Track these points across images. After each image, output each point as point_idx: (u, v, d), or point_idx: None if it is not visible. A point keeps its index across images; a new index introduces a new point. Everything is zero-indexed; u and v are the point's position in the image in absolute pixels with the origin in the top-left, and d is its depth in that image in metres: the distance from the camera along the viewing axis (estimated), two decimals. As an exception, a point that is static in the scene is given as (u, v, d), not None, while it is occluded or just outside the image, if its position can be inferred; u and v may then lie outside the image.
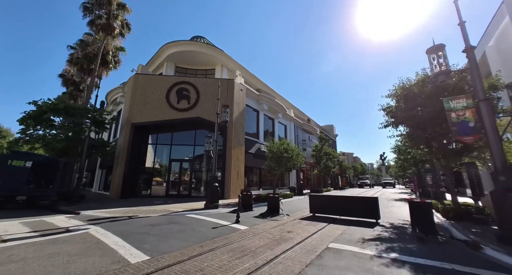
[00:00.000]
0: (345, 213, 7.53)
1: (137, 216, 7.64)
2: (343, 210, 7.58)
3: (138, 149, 15.46)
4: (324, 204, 8.09)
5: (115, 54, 22.15)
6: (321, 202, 8.20)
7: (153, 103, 15.28)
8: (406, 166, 24.38)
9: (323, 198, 8.37)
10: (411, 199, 6.04)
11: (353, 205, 7.42)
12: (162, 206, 10.18)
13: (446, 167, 8.96)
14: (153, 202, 11.77)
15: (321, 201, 8.24)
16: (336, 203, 7.85)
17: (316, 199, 8.36)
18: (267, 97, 20.44)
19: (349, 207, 7.46)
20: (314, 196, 8.50)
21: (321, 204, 8.15)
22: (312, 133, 31.78)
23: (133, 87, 15.61)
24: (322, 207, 8.09)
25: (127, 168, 14.05)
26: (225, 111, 10.44)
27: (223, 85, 16.03)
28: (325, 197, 8.46)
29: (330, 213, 7.89)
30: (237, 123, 15.97)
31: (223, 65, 20.19)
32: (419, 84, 8.68)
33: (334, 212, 7.79)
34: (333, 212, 7.81)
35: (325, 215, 7.97)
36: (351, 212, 7.40)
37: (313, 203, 8.30)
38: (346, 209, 7.50)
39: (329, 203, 7.98)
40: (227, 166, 14.64)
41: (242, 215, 7.95)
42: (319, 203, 8.20)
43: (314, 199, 8.35)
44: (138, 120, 14.94)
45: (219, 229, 5.88)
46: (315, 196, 8.50)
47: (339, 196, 8.04)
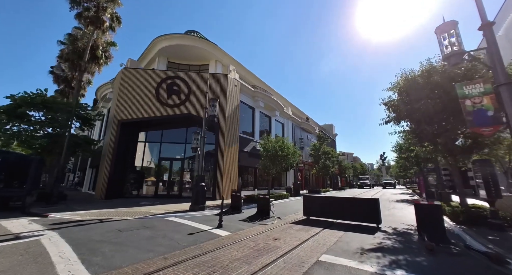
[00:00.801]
0: (343, 217, 6.74)
1: (111, 219, 6.85)
2: (340, 213, 6.79)
3: (126, 147, 14.68)
4: (319, 206, 7.30)
5: (106, 49, 21.35)
6: (316, 204, 7.41)
7: (142, 98, 14.51)
8: (407, 165, 23.60)
9: (318, 200, 7.57)
10: (418, 201, 5.24)
11: (352, 207, 6.62)
12: (145, 207, 9.40)
13: (453, 165, 8.17)
14: (138, 203, 11.00)
15: (316, 202, 7.45)
16: (332, 205, 7.06)
17: (311, 200, 7.57)
18: (263, 94, 19.67)
19: (347, 209, 6.66)
20: (308, 197, 7.71)
21: (315, 206, 7.36)
22: (311, 132, 30.99)
23: (121, 82, 14.85)
24: (317, 209, 7.30)
25: (113, 167, 13.26)
26: (214, 105, 9.66)
27: (215, 80, 15.27)
28: (320, 199, 7.67)
29: (326, 216, 7.10)
30: (230, 120, 15.19)
31: (217, 60, 19.43)
32: (424, 74, 7.91)
33: (331, 215, 7.00)
34: (329, 215, 7.03)
35: (320, 218, 7.17)
36: (349, 215, 6.61)
37: (307, 205, 7.51)
38: (344, 212, 6.71)
39: (324, 205, 7.19)
40: (219, 165, 13.85)
41: (228, 219, 7.17)
42: (314, 205, 7.41)
43: (308, 201, 7.56)
44: (125, 116, 14.16)
45: (195, 235, 5.09)
46: (309, 197, 7.71)
47: (336, 198, 7.24)
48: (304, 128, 29.24)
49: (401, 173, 39.77)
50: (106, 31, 19.65)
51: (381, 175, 78.48)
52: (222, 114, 14.67)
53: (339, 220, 6.84)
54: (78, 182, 27.42)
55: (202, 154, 9.46)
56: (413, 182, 45.99)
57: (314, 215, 7.35)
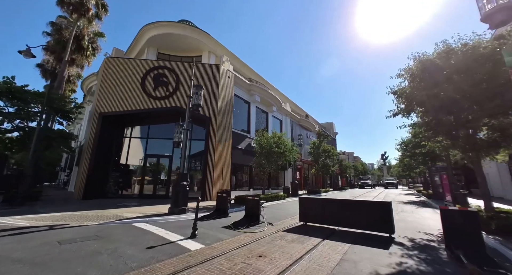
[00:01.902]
0: (346, 223, 5.56)
1: (66, 225, 5.67)
2: (343, 219, 5.61)
3: (109, 143, 13.50)
4: (318, 210, 6.12)
5: (93, 40, 20.17)
6: (315, 207, 6.23)
7: (126, 90, 13.31)
8: (412, 164, 22.41)
9: (317, 202, 6.39)
10: (446, 207, 4.06)
11: (357, 212, 5.44)
12: (120, 210, 8.22)
13: (476, 162, 6.97)
14: (117, 204, 9.84)
15: (314, 206, 6.27)
16: (334, 209, 5.87)
17: (308, 203, 6.39)
18: (259, 88, 18.47)
19: (352, 215, 5.48)
20: (305, 199, 6.52)
21: (314, 210, 6.18)
22: (311, 130, 29.79)
23: (103, 72, 13.66)
24: (315, 214, 6.12)
25: (92, 165, 12.08)
26: (198, 93, 8.47)
27: (207, 70, 14.10)
28: (319, 201, 6.48)
29: (326, 223, 5.93)
30: (223, 114, 14.00)
31: (210, 51, 18.23)
32: (441, 55, 6.72)
33: (332, 221, 5.82)
34: (330, 222, 5.85)
35: (319, 224, 6.00)
36: (354, 222, 5.43)
37: (304, 209, 6.33)
38: (348, 218, 5.53)
39: (324, 209, 6.01)
40: (210, 163, 12.67)
41: (209, 225, 5.99)
42: (312, 209, 6.23)
43: (305, 204, 6.38)
44: (107, 109, 12.97)
45: (156, 250, 3.91)
46: (306, 200, 6.52)
47: (338, 200, 6.05)
48: (304, 126, 28.05)
49: (403, 173, 38.63)
50: (92, 20, 18.47)
51: (382, 175, 77.39)
52: (213, 108, 13.51)
53: (342, 227, 5.66)
54: (66, 181, 26.28)
55: (185, 149, 8.28)
56: (416, 182, 44.86)
57: (312, 221, 6.18)
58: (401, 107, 8.60)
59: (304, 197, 6.62)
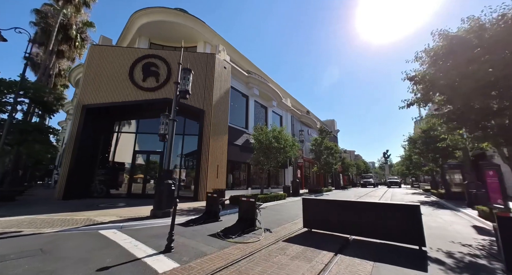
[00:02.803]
0: (362, 231, 4.50)
1: (18, 233, 4.62)
2: (358, 226, 4.55)
3: (95, 139, 12.43)
4: (326, 214, 5.06)
5: (82, 30, 19.07)
6: (322, 210, 5.17)
7: (113, 81, 12.23)
8: (419, 162, 21.33)
9: (324, 205, 5.32)
10: (505, 214, 3.00)
11: (376, 217, 4.38)
12: (96, 212, 7.17)
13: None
14: (97, 205, 8.81)
15: (321, 208, 5.21)
16: (345, 213, 4.81)
17: (313, 205, 5.33)
18: (258, 80, 17.37)
19: (369, 221, 4.42)
20: (310, 201, 5.46)
21: (321, 214, 5.12)
22: (312, 127, 28.71)
23: (88, 61, 12.56)
24: (322, 218, 5.06)
25: (73, 162, 11.01)
26: (186, 78, 7.39)
27: (201, 60, 13.00)
28: (327, 203, 5.40)
29: (335, 230, 4.87)
30: (218, 107, 12.92)
31: (206, 41, 17.11)
32: (474, 29, 5.64)
33: (343, 228, 4.76)
34: (341, 228, 4.79)
35: (327, 232, 4.95)
36: (372, 230, 4.37)
37: (308, 212, 5.27)
38: (364, 225, 4.47)
39: (334, 213, 4.95)
40: (203, 160, 11.61)
41: (194, 232, 4.94)
42: (318, 213, 5.17)
43: (310, 206, 5.32)
44: (92, 101, 11.89)
45: (108, 272, 2.85)
46: (311, 201, 5.46)
47: (351, 202, 4.97)
48: (305, 122, 26.96)
49: (406, 172, 37.56)
50: (80, 8, 17.38)
51: (383, 174, 76.43)
52: (208, 100, 12.43)
53: (356, 236, 4.60)
54: (57, 180, 25.23)
55: (171, 142, 7.22)
56: (420, 181, 43.80)
57: (318, 227, 5.12)
58: (418, 96, 7.59)
59: (309, 198, 5.56)
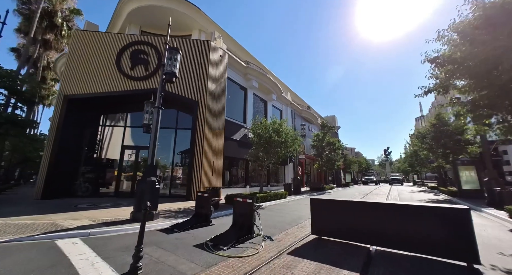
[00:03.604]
0: (387, 241, 3.54)
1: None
2: (382, 233, 3.59)
3: (79, 132, 11.43)
4: (339, 217, 4.10)
5: (68, 18, 17.95)
6: (334, 213, 4.21)
7: (98, 69, 11.18)
8: (424, 159, 20.46)
9: (337, 206, 4.34)
10: None
11: (407, 223, 3.42)
12: (69, 214, 6.19)
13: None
14: (75, 206, 7.85)
15: (333, 211, 4.25)
16: (365, 217, 3.85)
17: (324, 207, 4.37)
18: (257, 72, 16.33)
19: (397, 227, 3.47)
20: (319, 202, 4.50)
21: (333, 218, 4.17)
22: (313, 122, 27.75)
23: (71, 48, 11.48)
24: (335, 223, 4.11)
25: (54, 158, 10.01)
26: (173, 59, 6.37)
27: (194, 47, 11.96)
28: (341, 205, 4.42)
29: (352, 238, 3.92)
30: (214, 99, 11.91)
31: (201, 30, 16.01)
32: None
33: (362, 236, 3.81)
34: (360, 236, 3.84)
35: (341, 240, 4.00)
36: (401, 239, 3.42)
37: (318, 216, 4.32)
38: (390, 232, 3.52)
39: (350, 217, 3.99)
40: (197, 155, 10.64)
41: (176, 241, 3.97)
42: (330, 216, 4.22)
43: (321, 208, 4.36)
44: (74, 91, 10.84)
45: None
46: (321, 202, 4.50)
47: (372, 204, 4.00)
48: (305, 117, 25.97)
49: (408, 169, 36.75)
50: (65, -7, 16.24)
51: (383, 172, 75.85)
52: (202, 91, 11.42)
53: (380, 246, 3.66)
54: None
55: (155, 133, 6.23)
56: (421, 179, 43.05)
57: (330, 234, 4.17)
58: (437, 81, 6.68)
59: (318, 198, 4.59)
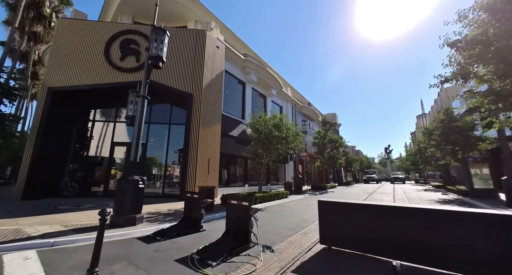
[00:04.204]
0: (418, 255, 2.81)
1: None
2: (409, 245, 2.86)
3: (65, 128, 10.68)
4: (354, 224, 3.37)
5: (58, 8, 17.11)
6: (347, 219, 3.47)
7: (85, 60, 10.40)
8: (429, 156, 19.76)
9: (350, 210, 3.59)
10: None
11: (447, 233, 2.69)
12: (41, 218, 5.46)
13: None
14: (54, 208, 7.13)
15: (346, 216, 3.50)
16: (387, 223, 3.11)
17: (335, 211, 3.63)
18: (256, 65, 15.55)
19: (432, 239, 2.74)
20: (329, 205, 3.76)
21: (346, 225, 3.44)
22: (313, 119, 27.00)
23: (56, 37, 10.69)
24: (349, 231, 3.38)
25: (37, 155, 9.28)
26: (159, 41, 5.62)
27: (189, 37, 11.19)
28: (355, 208, 3.65)
29: (370, 250, 3.18)
30: (209, 92, 11.15)
31: (197, 20, 15.21)
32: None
33: (383, 247, 3.08)
34: (379, 247, 3.10)
35: (356, 251, 3.27)
36: (432, 252, 2.69)
37: (327, 222, 3.59)
38: (418, 243, 2.79)
39: (366, 223, 3.26)
40: (191, 152, 9.91)
41: (155, 254, 3.22)
42: (343, 222, 3.48)
43: (330, 212, 3.63)
44: (59, 83, 10.07)
45: None
46: (331, 206, 3.76)
47: (396, 208, 3.25)
48: (306, 114, 25.23)
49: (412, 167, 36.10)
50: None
51: (383, 170, 75.31)
52: (197, 83, 10.67)
53: (405, 261, 2.92)
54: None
55: (139, 126, 5.49)
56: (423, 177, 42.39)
57: (342, 244, 3.44)
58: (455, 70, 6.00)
59: (327, 201, 3.85)
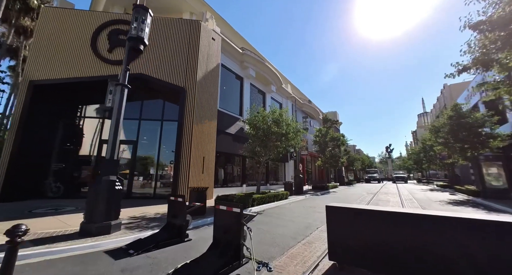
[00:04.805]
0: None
1: None
2: (447, 267, 2.17)
3: (50, 125, 9.99)
4: (372, 236, 2.67)
5: (46, 0, 16.37)
6: (363, 229, 2.76)
7: (71, 51, 9.70)
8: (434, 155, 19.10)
9: (366, 218, 2.87)
10: None
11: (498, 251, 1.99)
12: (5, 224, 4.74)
13: None
14: (28, 212, 6.45)
15: (361, 226, 2.79)
16: (417, 236, 2.41)
17: (347, 219, 2.92)
18: (254, 59, 14.83)
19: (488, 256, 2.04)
20: (339, 211, 3.03)
21: (362, 237, 2.73)
22: (314, 117, 26.31)
23: (39, 27, 9.98)
24: (366, 245, 2.67)
25: (17, 153, 8.58)
26: (139, 20, 4.91)
27: (182, 28, 10.48)
28: (374, 216, 2.92)
29: (394, 270, 2.48)
30: (204, 86, 10.45)
31: (192, 13, 14.50)
32: None
33: (411, 267, 2.38)
34: (407, 268, 2.40)
35: (375, 273, 2.56)
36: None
37: (338, 232, 2.88)
38: (460, 265, 2.09)
39: (389, 236, 2.56)
40: (184, 150, 9.21)
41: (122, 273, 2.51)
42: (358, 233, 2.77)
43: (341, 220, 2.92)
44: (42, 76, 9.37)
45: None
46: (342, 212, 3.03)
47: (425, 216, 2.55)
48: (307, 112, 24.52)
49: (414, 166, 35.46)
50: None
51: (383, 169, 74.72)
52: (190, 76, 9.96)
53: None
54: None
55: (116, 118, 4.80)
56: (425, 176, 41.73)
57: (357, 261, 2.74)
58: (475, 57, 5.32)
59: (337, 207, 3.12)
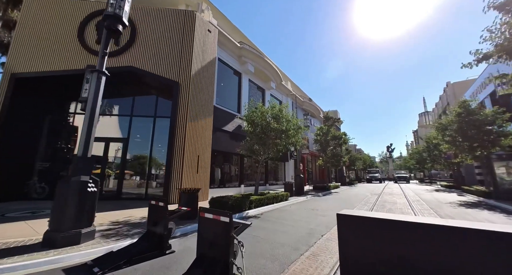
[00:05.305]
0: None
1: None
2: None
3: (34, 121, 9.40)
4: (396, 252, 2.07)
5: (37, -7, 15.75)
6: (383, 244, 2.16)
7: (56, 43, 9.13)
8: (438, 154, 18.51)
9: (388, 229, 2.25)
10: None
11: None
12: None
13: None
14: (3, 216, 5.86)
15: (381, 240, 2.18)
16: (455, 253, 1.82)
17: (363, 231, 2.29)
18: (253, 54, 14.24)
19: None
20: (354, 220, 2.41)
21: (383, 252, 2.13)
22: (315, 116, 25.74)
23: (22, 17, 9.38)
24: (388, 263, 2.08)
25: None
26: (118, -3, 4.31)
27: (176, 19, 9.90)
28: (397, 228, 2.30)
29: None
30: (199, 80, 9.86)
31: (188, 5, 13.89)
32: None
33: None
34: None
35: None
36: None
37: (352, 246, 2.26)
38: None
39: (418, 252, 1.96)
40: (177, 148, 8.62)
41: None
42: (377, 248, 2.17)
43: (355, 231, 2.30)
44: (25, 68, 8.78)
45: None
46: (357, 222, 2.41)
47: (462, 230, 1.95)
48: (307, 110, 23.94)
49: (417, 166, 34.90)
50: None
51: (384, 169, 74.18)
52: (184, 70, 9.38)
53: None
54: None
55: (91, 111, 4.21)
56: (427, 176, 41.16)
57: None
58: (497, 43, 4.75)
59: (349, 215, 2.49)
